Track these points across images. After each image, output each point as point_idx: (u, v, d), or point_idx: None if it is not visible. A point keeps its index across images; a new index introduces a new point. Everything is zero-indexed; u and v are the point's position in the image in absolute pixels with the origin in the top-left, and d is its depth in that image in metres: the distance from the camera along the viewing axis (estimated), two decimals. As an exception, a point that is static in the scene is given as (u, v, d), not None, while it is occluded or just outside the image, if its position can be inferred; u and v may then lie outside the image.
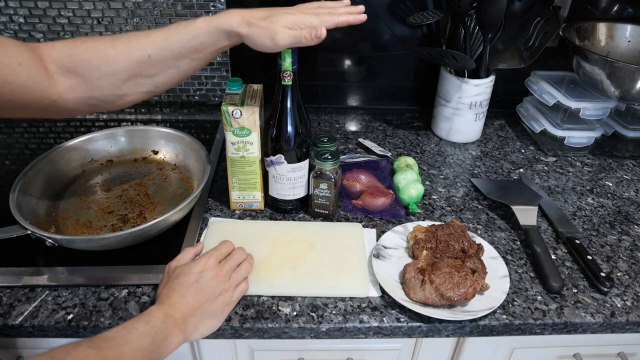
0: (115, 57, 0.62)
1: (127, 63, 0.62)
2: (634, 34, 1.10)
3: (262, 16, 0.64)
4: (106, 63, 0.62)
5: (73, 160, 0.91)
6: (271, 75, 1.16)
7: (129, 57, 0.62)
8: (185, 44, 0.63)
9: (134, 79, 0.64)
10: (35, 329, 0.66)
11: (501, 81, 1.16)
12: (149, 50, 0.62)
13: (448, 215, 0.88)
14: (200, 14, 1.08)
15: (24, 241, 0.73)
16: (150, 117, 1.15)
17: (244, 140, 0.77)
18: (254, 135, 0.77)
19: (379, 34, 1.14)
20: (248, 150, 0.79)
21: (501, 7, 0.93)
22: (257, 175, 0.82)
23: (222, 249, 0.69)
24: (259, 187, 0.83)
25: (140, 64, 0.63)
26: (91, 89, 0.63)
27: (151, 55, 0.63)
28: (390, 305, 0.70)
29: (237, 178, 0.82)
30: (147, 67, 0.63)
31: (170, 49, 0.63)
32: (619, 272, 0.78)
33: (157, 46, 0.63)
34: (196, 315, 0.61)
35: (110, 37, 0.63)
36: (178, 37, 0.63)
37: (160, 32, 0.63)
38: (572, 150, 1.08)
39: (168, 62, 0.64)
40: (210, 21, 0.63)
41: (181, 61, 0.64)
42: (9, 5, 1.04)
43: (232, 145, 0.78)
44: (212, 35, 0.63)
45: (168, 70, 0.65)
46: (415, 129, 1.17)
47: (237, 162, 0.80)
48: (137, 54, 0.62)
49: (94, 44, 0.62)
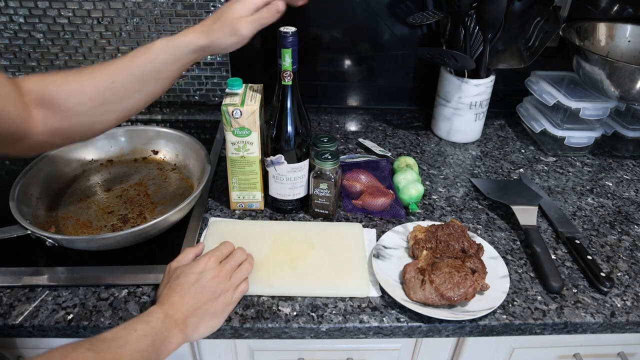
0: (82, 87, 0.64)
1: (93, 92, 0.64)
2: (634, 34, 1.10)
3: (214, 19, 0.67)
4: (73, 93, 0.64)
5: (73, 160, 0.91)
6: (271, 75, 1.17)
7: (94, 85, 0.64)
8: (146, 66, 0.65)
9: (102, 106, 0.66)
10: (35, 329, 0.66)
11: (501, 81, 1.16)
12: (113, 76, 0.65)
13: (448, 215, 0.88)
14: (200, 14, 1.08)
15: (24, 241, 0.73)
16: (150, 117, 1.15)
17: (244, 140, 0.77)
18: (254, 135, 0.77)
19: (379, 34, 1.14)
20: (248, 150, 0.79)
21: (501, 7, 0.93)
22: (257, 175, 0.82)
23: (223, 249, 0.69)
24: (259, 187, 0.83)
25: (106, 91, 0.65)
26: (62, 119, 0.64)
27: (115, 82, 0.65)
28: (390, 305, 0.70)
29: (237, 178, 0.82)
30: (113, 94, 0.65)
31: (132, 73, 0.65)
32: (619, 272, 0.78)
33: (120, 72, 0.65)
34: (196, 315, 0.61)
35: (77, 69, 0.66)
36: (139, 61, 0.65)
37: (123, 58, 0.66)
38: (572, 150, 1.08)
39: (133, 86, 0.66)
40: (169, 41, 0.66)
41: (146, 84, 0.67)
42: (9, 5, 1.04)
43: (232, 145, 0.78)
44: (172, 54, 0.66)
45: (134, 94, 0.67)
46: (415, 129, 1.17)
47: (237, 162, 0.80)
48: (102, 82, 0.65)
49: (62, 77, 0.64)
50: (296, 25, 0.73)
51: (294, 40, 0.71)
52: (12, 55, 1.10)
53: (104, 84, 0.64)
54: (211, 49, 0.67)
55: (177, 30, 1.09)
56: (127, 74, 0.65)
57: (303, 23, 1.11)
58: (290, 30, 0.71)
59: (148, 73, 0.66)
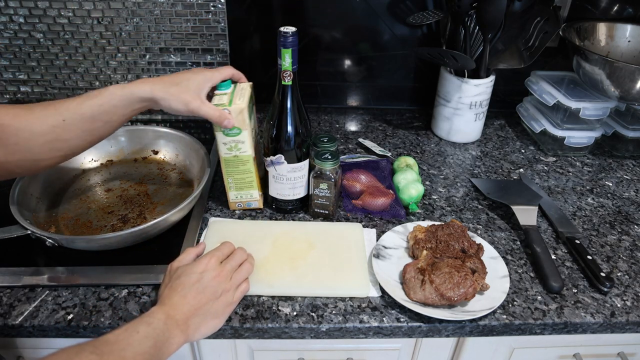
0: (33, 121, 0.65)
1: (43, 127, 0.65)
2: (634, 34, 1.10)
3: (174, 82, 0.71)
4: (24, 128, 0.64)
5: (73, 160, 0.91)
6: (271, 75, 1.17)
7: (45, 121, 0.65)
8: (98, 107, 0.67)
9: (50, 143, 0.67)
10: (35, 329, 0.66)
11: (501, 81, 1.16)
12: (64, 115, 0.66)
13: (448, 215, 0.88)
14: (200, 14, 1.08)
15: (24, 241, 0.73)
16: (150, 117, 1.15)
17: (235, 139, 0.77)
18: (245, 134, 0.76)
19: (379, 34, 1.14)
20: (240, 149, 0.78)
21: (501, 7, 0.93)
22: (252, 174, 0.81)
23: (223, 249, 0.69)
24: (256, 185, 0.83)
25: (55, 128, 0.66)
26: (8, 153, 0.65)
27: (65, 120, 0.66)
28: (390, 305, 0.70)
29: (233, 178, 0.81)
30: (62, 132, 0.66)
31: (82, 112, 0.67)
32: (619, 272, 0.78)
33: (71, 111, 0.66)
34: (198, 315, 0.61)
35: (29, 104, 0.67)
36: (91, 102, 0.67)
37: (77, 98, 0.68)
38: (572, 150, 1.08)
39: (81, 125, 0.67)
40: (124, 87, 0.68)
41: (94, 125, 0.68)
42: (9, 5, 1.04)
43: (224, 145, 0.77)
44: (125, 100, 0.68)
45: (81, 134, 0.68)
46: (415, 129, 1.17)
47: (230, 161, 0.79)
48: (53, 119, 0.66)
49: (14, 110, 0.65)
50: (296, 25, 0.73)
51: (294, 40, 0.71)
52: (12, 55, 1.10)
53: (55, 121, 0.66)
54: (160, 105, 0.71)
55: (176, 30, 1.09)
56: (78, 113, 0.67)
57: (303, 23, 1.11)
58: (290, 30, 0.71)
59: (98, 115, 0.68)
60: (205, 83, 0.73)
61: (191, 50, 1.12)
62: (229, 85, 0.78)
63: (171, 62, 1.13)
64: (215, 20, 1.09)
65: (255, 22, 1.11)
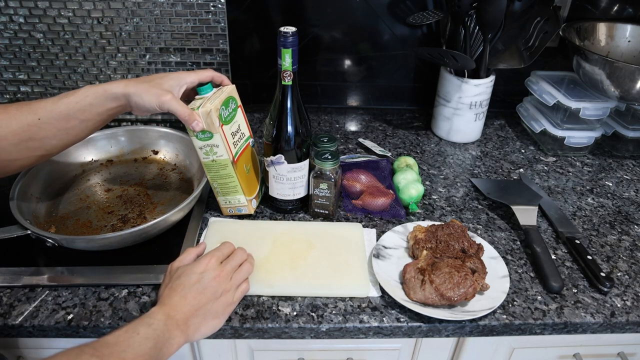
0: (7, 120, 0.65)
1: (17, 126, 0.65)
2: (634, 34, 1.10)
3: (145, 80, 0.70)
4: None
5: (73, 160, 0.91)
6: (271, 75, 1.17)
7: (19, 120, 0.65)
8: (73, 106, 0.67)
9: (25, 142, 0.67)
10: (35, 329, 0.66)
11: (501, 81, 1.16)
12: (39, 113, 0.66)
13: (448, 215, 0.88)
14: (200, 14, 1.08)
15: (24, 241, 0.73)
16: (150, 117, 1.15)
17: (209, 143, 0.74)
18: (217, 137, 0.73)
19: (379, 34, 1.14)
20: (216, 153, 0.75)
21: (501, 7, 0.93)
22: (234, 178, 0.78)
23: (223, 250, 0.69)
24: (241, 190, 0.80)
25: (30, 127, 0.66)
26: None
27: (40, 119, 0.66)
28: (390, 305, 0.70)
29: (217, 183, 0.79)
30: (37, 130, 0.67)
31: (58, 111, 0.67)
32: (619, 272, 0.78)
33: (47, 110, 0.66)
34: (198, 315, 0.61)
35: (4, 104, 0.67)
36: (67, 100, 0.67)
37: (52, 98, 0.68)
38: (572, 150, 1.08)
39: (57, 124, 0.67)
40: (99, 85, 0.68)
41: (70, 123, 0.68)
42: (9, 5, 1.04)
43: (200, 150, 0.75)
44: (99, 98, 0.68)
45: (57, 133, 0.68)
46: (415, 129, 1.17)
47: (210, 166, 0.77)
48: (28, 118, 0.66)
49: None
50: (296, 25, 0.73)
51: (294, 40, 0.71)
52: (12, 55, 1.10)
53: (29, 119, 0.66)
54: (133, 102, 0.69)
55: (176, 30, 1.09)
56: (53, 111, 0.67)
57: (303, 23, 1.11)
58: (290, 30, 0.70)
59: (74, 113, 0.67)
60: (180, 81, 0.72)
61: (191, 50, 1.12)
62: (209, 89, 0.75)
63: (171, 62, 1.13)
64: (215, 20, 1.09)
65: (255, 22, 1.11)
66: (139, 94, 0.68)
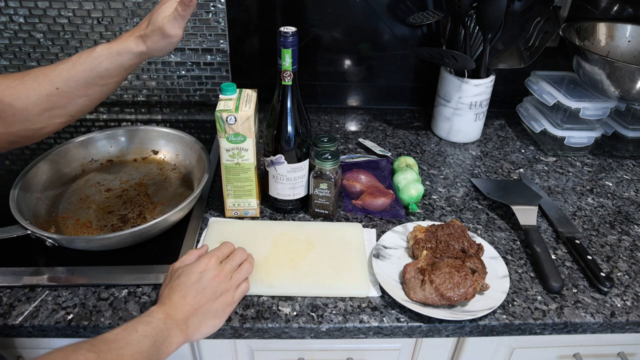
0: (26, 92, 0.64)
1: (37, 97, 0.65)
2: (634, 34, 1.11)
3: (147, 23, 0.68)
4: (18, 99, 0.64)
5: (73, 160, 0.91)
6: (271, 75, 1.17)
7: (38, 91, 0.65)
8: (90, 72, 0.66)
9: (47, 111, 0.66)
10: (35, 329, 0.66)
11: (501, 81, 1.16)
12: (57, 83, 0.65)
13: (448, 215, 0.88)
14: (200, 14, 1.08)
15: (24, 241, 0.73)
16: (150, 117, 1.15)
17: (238, 146, 0.76)
18: (249, 142, 0.75)
19: (379, 34, 1.14)
20: (243, 157, 0.77)
21: (501, 7, 0.93)
22: (252, 182, 0.80)
23: (223, 249, 0.69)
24: (255, 194, 0.81)
25: (50, 96, 0.65)
26: (7, 124, 0.65)
27: (59, 88, 0.65)
28: (390, 305, 0.70)
29: (232, 185, 0.80)
30: (58, 99, 0.66)
31: (76, 79, 0.66)
32: (619, 272, 0.78)
33: (63, 78, 0.65)
34: (197, 315, 0.61)
35: (20, 74, 0.65)
36: (81, 67, 0.66)
37: (66, 64, 0.66)
38: (572, 150, 1.08)
39: (76, 91, 0.67)
40: (110, 47, 0.67)
41: (90, 89, 0.67)
42: (9, 5, 1.04)
43: (226, 152, 0.76)
44: (114, 61, 0.67)
45: (78, 99, 0.67)
46: (415, 129, 1.17)
47: (231, 169, 0.78)
48: (46, 88, 0.65)
49: (5, 81, 0.64)
50: (296, 25, 0.73)
51: (294, 40, 0.71)
52: (12, 55, 1.10)
53: (48, 90, 0.65)
54: (150, 54, 0.68)
55: (177, 30, 1.09)
56: (70, 79, 0.66)
57: (303, 23, 1.11)
58: (290, 30, 0.71)
59: (92, 79, 0.67)
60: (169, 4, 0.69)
61: (191, 50, 1.12)
62: (234, 90, 0.77)
63: (171, 62, 1.13)
64: (215, 20, 1.09)
65: (255, 22, 1.11)
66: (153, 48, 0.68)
